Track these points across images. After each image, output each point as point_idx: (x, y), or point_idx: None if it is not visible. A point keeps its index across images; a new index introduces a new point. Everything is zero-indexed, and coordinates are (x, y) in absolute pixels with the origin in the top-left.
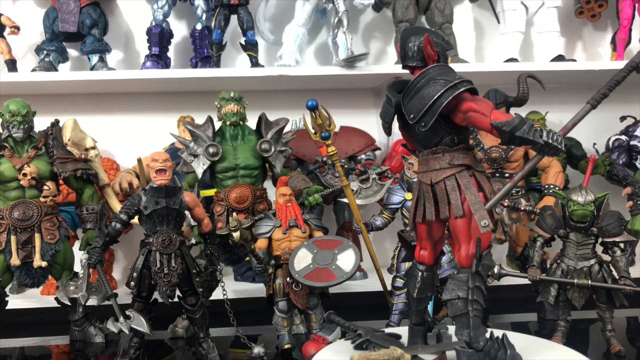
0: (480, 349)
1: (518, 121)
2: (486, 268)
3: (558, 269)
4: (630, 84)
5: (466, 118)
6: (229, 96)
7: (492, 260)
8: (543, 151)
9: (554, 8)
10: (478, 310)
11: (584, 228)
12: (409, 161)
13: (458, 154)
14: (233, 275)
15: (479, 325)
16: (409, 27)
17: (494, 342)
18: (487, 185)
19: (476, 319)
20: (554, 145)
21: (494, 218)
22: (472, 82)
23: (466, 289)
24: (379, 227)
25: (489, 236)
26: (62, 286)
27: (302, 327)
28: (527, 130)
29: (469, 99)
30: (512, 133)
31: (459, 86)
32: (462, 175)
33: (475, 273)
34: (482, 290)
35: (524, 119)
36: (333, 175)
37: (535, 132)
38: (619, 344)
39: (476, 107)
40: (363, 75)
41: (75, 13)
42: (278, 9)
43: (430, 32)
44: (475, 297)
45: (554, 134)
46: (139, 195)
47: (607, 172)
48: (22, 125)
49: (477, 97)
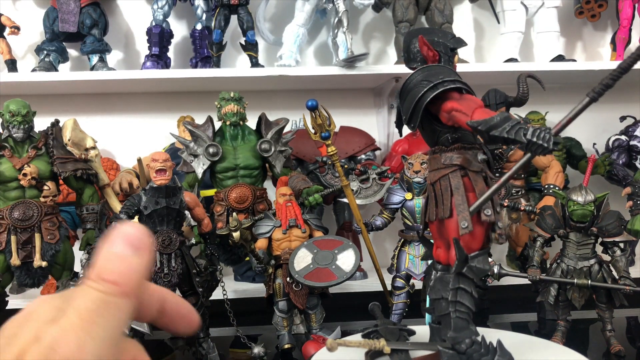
0: (462, 352)
1: (498, 119)
2: (476, 271)
3: (558, 268)
4: (630, 84)
5: (450, 118)
6: (229, 96)
7: (485, 263)
8: (530, 150)
9: (554, 8)
10: (462, 312)
11: (584, 228)
12: (409, 161)
13: (452, 154)
14: (233, 275)
15: (462, 328)
16: (412, 30)
17: (480, 345)
18: (479, 186)
19: (459, 321)
20: (539, 143)
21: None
22: (460, 81)
23: (449, 289)
24: (379, 227)
25: (476, 238)
26: (62, 286)
27: (302, 327)
28: (508, 129)
29: (455, 98)
30: (488, 132)
31: (439, 86)
32: (454, 175)
33: (459, 274)
34: (470, 293)
35: (507, 117)
36: (333, 175)
37: (518, 131)
38: (618, 344)
39: (458, 106)
40: (363, 75)
41: (75, 13)
42: (278, 9)
43: (433, 31)
44: (459, 299)
45: (541, 132)
46: (139, 195)
47: (607, 172)
48: (22, 125)
49: (466, 96)
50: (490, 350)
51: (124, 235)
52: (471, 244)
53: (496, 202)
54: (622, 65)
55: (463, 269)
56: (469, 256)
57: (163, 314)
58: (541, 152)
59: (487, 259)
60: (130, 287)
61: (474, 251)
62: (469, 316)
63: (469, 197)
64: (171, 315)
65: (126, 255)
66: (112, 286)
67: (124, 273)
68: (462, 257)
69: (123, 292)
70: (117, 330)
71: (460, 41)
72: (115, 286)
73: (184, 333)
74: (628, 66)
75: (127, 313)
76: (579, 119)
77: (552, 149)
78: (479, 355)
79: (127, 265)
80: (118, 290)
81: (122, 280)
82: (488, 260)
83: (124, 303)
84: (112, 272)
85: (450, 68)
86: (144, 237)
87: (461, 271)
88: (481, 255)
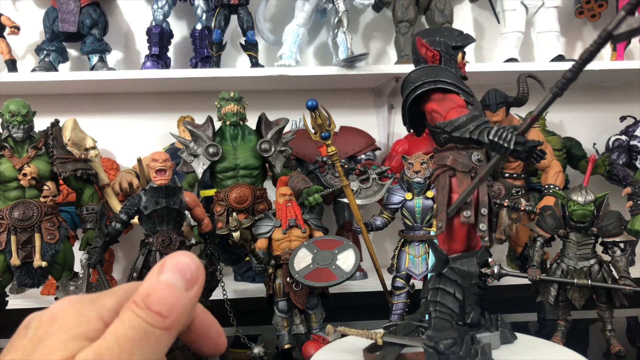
0: (441, 352)
1: (463, 120)
2: (459, 272)
3: (558, 269)
4: (630, 84)
5: (432, 119)
6: (228, 96)
7: (470, 266)
8: (494, 150)
9: (554, 8)
10: (443, 313)
11: (584, 228)
12: (409, 161)
13: (443, 154)
14: (233, 275)
15: (441, 328)
16: (421, 30)
17: (461, 347)
18: (462, 187)
19: (439, 321)
20: (500, 144)
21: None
22: (443, 81)
23: (429, 288)
24: (379, 227)
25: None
26: (62, 286)
27: (302, 327)
28: (472, 129)
29: (436, 99)
30: (452, 133)
31: (418, 88)
32: (444, 175)
33: (439, 275)
34: (452, 294)
35: (473, 117)
36: (333, 175)
37: (482, 131)
38: (618, 344)
39: (437, 107)
40: (363, 75)
41: (75, 13)
42: (278, 9)
43: (439, 31)
44: (439, 299)
45: (503, 132)
46: (139, 195)
47: (607, 172)
48: (22, 125)
49: (449, 96)
50: (472, 353)
51: (178, 264)
52: (452, 245)
53: (483, 203)
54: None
55: (443, 270)
56: (451, 257)
57: (190, 329)
58: (504, 153)
59: (472, 261)
60: (175, 322)
61: (456, 252)
62: (451, 317)
63: (453, 198)
64: (198, 333)
65: (177, 286)
66: (157, 317)
67: (171, 305)
68: (440, 258)
69: (167, 325)
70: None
71: (467, 38)
72: (161, 318)
73: (207, 354)
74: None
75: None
76: (579, 119)
77: (512, 149)
78: (456, 358)
79: (176, 297)
80: (162, 322)
81: (168, 313)
82: (474, 262)
83: (165, 336)
84: (160, 302)
85: (442, 67)
86: (198, 270)
87: (441, 272)
88: (466, 257)
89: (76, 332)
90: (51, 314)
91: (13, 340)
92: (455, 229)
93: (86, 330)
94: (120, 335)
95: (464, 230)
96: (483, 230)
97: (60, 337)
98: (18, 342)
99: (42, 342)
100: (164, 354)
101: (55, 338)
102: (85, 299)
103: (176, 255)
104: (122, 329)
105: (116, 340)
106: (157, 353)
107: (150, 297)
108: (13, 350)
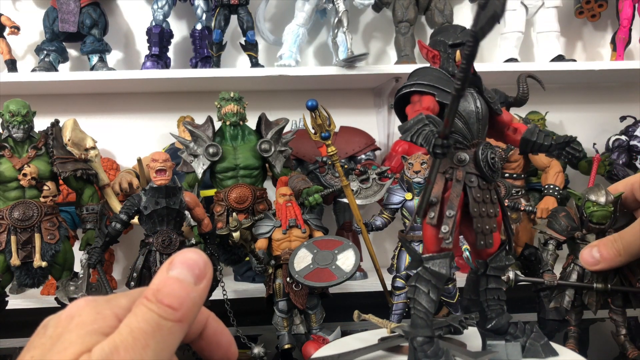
0: (416, 347)
1: (410, 123)
2: (432, 273)
3: (573, 272)
4: (630, 84)
5: None
6: (228, 96)
7: (442, 267)
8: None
9: (554, 8)
10: (419, 310)
11: (603, 230)
12: (409, 161)
13: (429, 156)
14: (233, 275)
15: (417, 325)
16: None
17: (430, 345)
18: (436, 187)
19: (415, 318)
20: (426, 147)
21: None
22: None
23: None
24: (379, 227)
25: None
26: (62, 286)
27: (302, 327)
28: (413, 132)
29: (412, 101)
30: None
31: (400, 91)
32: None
33: (416, 274)
34: (426, 293)
35: (419, 121)
36: (333, 175)
37: (420, 135)
38: (636, 349)
39: (409, 109)
40: (363, 75)
41: (75, 13)
42: (278, 9)
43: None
44: (416, 297)
45: (428, 136)
46: (139, 195)
47: (607, 172)
48: (22, 126)
49: (423, 97)
50: (439, 355)
51: (187, 261)
52: (426, 245)
53: (451, 205)
54: (465, 51)
55: (417, 269)
56: (424, 257)
57: (202, 337)
58: (434, 156)
59: (445, 263)
60: (186, 314)
61: (430, 253)
62: (425, 315)
63: (445, 200)
64: (209, 341)
65: (186, 281)
66: (168, 310)
67: (182, 299)
68: (414, 256)
69: (178, 317)
70: (167, 354)
71: (466, 35)
72: (172, 310)
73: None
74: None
75: (179, 339)
76: (579, 119)
77: (433, 152)
78: (423, 355)
79: (186, 291)
80: (174, 315)
81: (179, 306)
82: (446, 264)
83: (177, 328)
84: (170, 295)
85: (431, 68)
86: (206, 266)
87: (416, 270)
88: (439, 259)
89: (92, 328)
90: (69, 313)
91: (32, 339)
92: (426, 229)
93: (102, 326)
94: (134, 328)
95: (432, 231)
96: (444, 232)
97: (77, 332)
98: (37, 341)
99: (60, 338)
100: (175, 346)
101: (72, 334)
102: (101, 299)
103: (184, 252)
104: (136, 322)
105: (130, 332)
106: (170, 345)
107: (161, 291)
108: (33, 348)
